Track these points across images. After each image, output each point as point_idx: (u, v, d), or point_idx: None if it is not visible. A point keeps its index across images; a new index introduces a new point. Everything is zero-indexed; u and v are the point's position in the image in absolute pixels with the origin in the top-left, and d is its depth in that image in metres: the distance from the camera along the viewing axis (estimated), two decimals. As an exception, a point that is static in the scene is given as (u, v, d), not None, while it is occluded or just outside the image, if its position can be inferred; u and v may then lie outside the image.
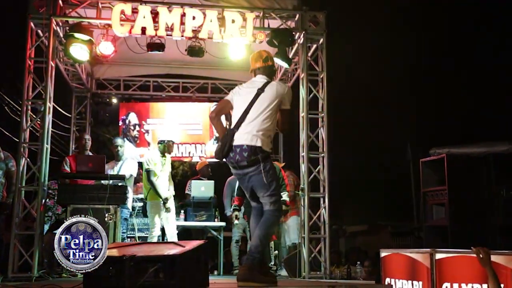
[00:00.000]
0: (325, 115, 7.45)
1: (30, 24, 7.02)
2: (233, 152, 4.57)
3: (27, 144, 6.93)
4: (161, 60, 9.58)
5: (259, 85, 4.70)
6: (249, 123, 4.58)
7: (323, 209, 7.19)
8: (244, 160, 4.52)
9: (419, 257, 4.10)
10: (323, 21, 7.56)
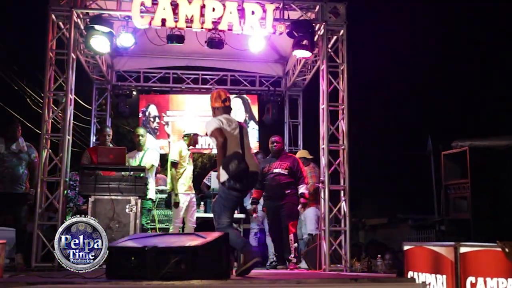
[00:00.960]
0: (345, 107, 7.39)
1: (51, 16, 7.06)
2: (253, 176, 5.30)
3: (49, 136, 6.99)
4: (181, 52, 9.60)
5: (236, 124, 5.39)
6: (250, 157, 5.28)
7: (343, 201, 7.15)
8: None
9: (443, 251, 4.05)
10: (344, 12, 7.48)
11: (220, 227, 5.00)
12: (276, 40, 9.07)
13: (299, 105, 10.55)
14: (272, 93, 10.20)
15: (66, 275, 4.06)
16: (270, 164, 7.42)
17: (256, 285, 3.77)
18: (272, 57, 10.08)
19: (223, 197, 5.14)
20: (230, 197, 5.13)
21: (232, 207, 5.25)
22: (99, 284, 3.60)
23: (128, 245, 4.11)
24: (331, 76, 7.46)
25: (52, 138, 7.06)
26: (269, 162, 7.45)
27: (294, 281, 3.78)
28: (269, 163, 7.43)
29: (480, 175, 7.57)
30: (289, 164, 7.34)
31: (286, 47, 9.27)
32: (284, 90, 10.46)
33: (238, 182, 5.06)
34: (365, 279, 3.90)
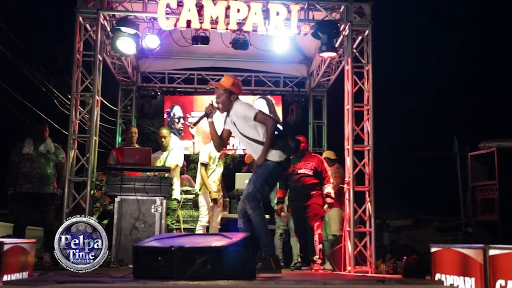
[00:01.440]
0: (370, 107, 7.34)
1: (79, 19, 7.15)
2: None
3: (76, 137, 7.08)
4: (205, 53, 9.64)
5: None
6: None
7: (368, 202, 7.11)
8: None
9: (471, 253, 3.98)
10: (369, 12, 7.43)
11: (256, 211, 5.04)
12: (300, 41, 9.06)
13: (323, 105, 10.52)
14: (296, 93, 10.18)
15: (94, 274, 4.11)
16: (295, 165, 7.38)
17: (282, 285, 3.77)
18: (296, 57, 10.07)
19: (272, 175, 5.21)
20: (279, 174, 5.32)
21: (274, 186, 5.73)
22: (127, 283, 3.63)
23: (154, 245, 4.14)
24: (356, 77, 7.41)
25: (79, 139, 7.14)
26: (294, 162, 7.40)
27: (320, 282, 3.77)
28: (293, 164, 7.38)
29: (508, 176, 7.45)
30: (314, 165, 7.31)
31: (310, 47, 9.26)
32: (308, 91, 10.44)
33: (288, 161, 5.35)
34: (392, 281, 3.87)
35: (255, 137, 5.24)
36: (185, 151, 10.28)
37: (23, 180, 6.90)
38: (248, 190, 5.11)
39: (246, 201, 5.04)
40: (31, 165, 6.94)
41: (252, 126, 5.24)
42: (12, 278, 3.92)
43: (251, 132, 5.24)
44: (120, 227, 6.47)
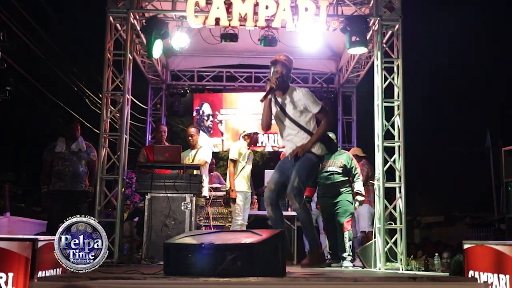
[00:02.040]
0: (401, 103, 7.25)
1: (109, 18, 7.23)
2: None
3: (107, 135, 7.17)
4: (234, 51, 9.67)
5: None
6: None
7: (399, 199, 7.03)
8: None
9: (506, 250, 3.91)
10: (399, 6, 7.33)
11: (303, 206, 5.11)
12: (329, 36, 8.99)
13: (352, 101, 10.45)
14: (326, 89, 10.15)
15: (124, 271, 4.16)
16: (324, 162, 7.34)
17: (312, 283, 3.75)
18: (325, 53, 10.02)
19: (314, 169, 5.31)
20: (317, 169, 5.53)
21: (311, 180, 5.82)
22: (158, 280, 3.66)
23: (185, 242, 4.16)
24: (386, 72, 7.33)
25: (110, 137, 7.23)
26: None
27: (351, 279, 3.74)
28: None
29: (543, 171, 7.30)
30: (343, 162, 7.25)
31: (339, 43, 9.20)
32: (337, 87, 10.38)
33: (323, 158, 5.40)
34: (424, 278, 3.81)
35: (306, 126, 5.15)
36: (214, 149, 10.32)
37: (56, 178, 7.04)
38: (294, 184, 5.01)
39: (292, 195, 4.99)
40: (64, 163, 7.06)
41: (308, 116, 5.16)
42: (47, 274, 4.00)
43: (303, 120, 5.15)
44: (151, 224, 6.52)
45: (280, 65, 5.22)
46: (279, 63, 5.21)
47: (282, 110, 5.21)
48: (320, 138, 5.11)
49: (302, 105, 5.14)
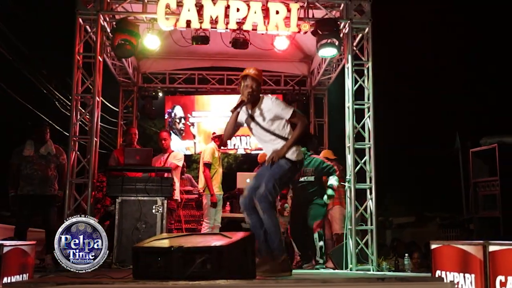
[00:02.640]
0: (371, 105, 7.33)
1: (79, 20, 7.16)
2: None
3: (77, 138, 7.09)
4: (206, 53, 9.65)
5: None
6: None
7: (370, 200, 7.10)
8: None
9: (471, 249, 3.98)
10: (369, 10, 7.42)
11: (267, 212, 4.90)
12: (301, 39, 9.05)
13: (324, 104, 10.52)
14: (297, 92, 10.19)
15: (94, 276, 4.11)
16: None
17: (282, 284, 3.76)
18: (297, 56, 10.07)
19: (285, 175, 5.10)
20: (292, 176, 5.27)
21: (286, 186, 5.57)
22: (126, 284, 3.63)
23: (154, 245, 4.14)
24: (356, 74, 7.40)
25: (80, 141, 7.14)
26: None
27: (320, 280, 3.76)
28: None
29: (509, 172, 7.45)
30: (313, 169, 7.26)
31: (311, 46, 9.25)
32: (309, 89, 10.44)
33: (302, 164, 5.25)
34: (392, 279, 3.86)
35: (281, 133, 5.12)
36: (186, 151, 10.29)
37: (25, 182, 6.92)
38: (260, 191, 4.93)
39: (257, 202, 4.92)
40: (32, 167, 6.95)
41: (281, 122, 5.14)
42: (12, 280, 3.94)
43: (277, 127, 5.11)
44: (122, 228, 6.46)
45: (250, 79, 5.20)
46: (249, 77, 5.20)
47: (255, 121, 5.21)
48: (295, 142, 5.08)
49: (272, 113, 5.16)
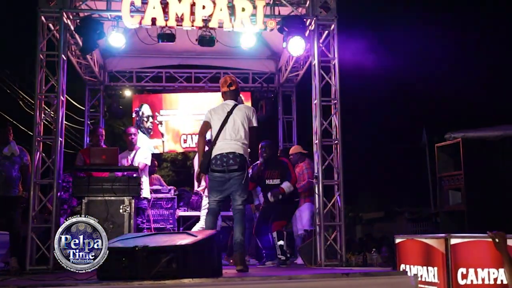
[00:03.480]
0: (338, 101, 7.38)
1: (41, 18, 7.03)
2: (223, 158, 5.49)
3: (41, 138, 6.96)
4: (173, 51, 9.57)
5: (228, 108, 5.73)
6: (229, 138, 5.56)
7: (338, 196, 7.15)
8: (235, 164, 5.46)
9: (434, 243, 4.05)
10: (334, 7, 7.46)
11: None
12: (268, 37, 9.05)
13: (292, 101, 10.54)
14: (266, 89, 10.20)
15: (58, 278, 4.05)
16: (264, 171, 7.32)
17: (247, 282, 3.77)
18: (264, 53, 10.07)
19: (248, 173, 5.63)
20: (211, 177, 5.57)
21: (213, 187, 5.57)
22: (90, 285, 3.59)
23: (118, 245, 4.10)
24: (323, 71, 7.44)
25: (45, 140, 7.02)
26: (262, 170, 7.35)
27: (285, 277, 3.78)
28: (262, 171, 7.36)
29: (473, 166, 7.59)
30: (279, 172, 7.26)
31: (278, 43, 9.24)
32: (277, 86, 10.45)
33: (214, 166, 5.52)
34: (357, 274, 3.90)
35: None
36: (154, 150, 10.21)
37: None
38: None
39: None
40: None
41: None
42: (-27, 283, 3.86)
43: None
44: (88, 229, 6.37)
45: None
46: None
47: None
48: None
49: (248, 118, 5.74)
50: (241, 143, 5.57)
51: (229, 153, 5.49)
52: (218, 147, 5.54)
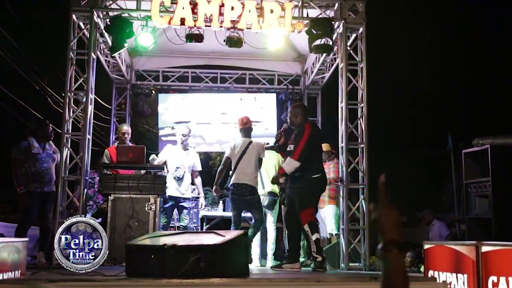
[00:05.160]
0: (364, 105, 7.35)
1: (72, 17, 7.13)
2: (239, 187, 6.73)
3: (70, 135, 7.05)
4: (200, 51, 9.62)
5: (244, 145, 6.83)
6: (243, 170, 6.72)
7: (363, 200, 7.12)
8: (247, 193, 6.72)
9: (464, 250, 4.00)
10: (363, 10, 7.44)
11: None
12: (294, 38, 9.04)
13: (317, 103, 10.52)
14: (291, 91, 10.19)
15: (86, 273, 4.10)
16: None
17: (275, 283, 3.77)
18: (290, 55, 10.06)
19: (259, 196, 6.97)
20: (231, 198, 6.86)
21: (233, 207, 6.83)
22: (119, 282, 3.62)
23: (147, 243, 4.13)
24: (350, 74, 7.43)
25: (73, 137, 7.11)
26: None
27: (313, 279, 3.77)
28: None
29: (501, 173, 7.45)
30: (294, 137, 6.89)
31: (305, 45, 9.20)
32: (303, 89, 10.44)
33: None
34: (385, 278, 3.87)
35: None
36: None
37: (32, 179, 6.73)
38: None
39: None
40: (42, 165, 6.77)
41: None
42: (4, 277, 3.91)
43: None
44: (114, 226, 6.44)
45: None
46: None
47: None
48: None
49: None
50: (253, 176, 6.77)
51: (242, 184, 6.69)
52: (236, 178, 6.74)
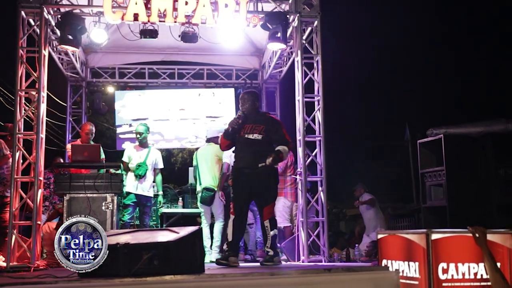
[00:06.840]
0: (321, 98, 7.40)
1: (21, 13, 6.93)
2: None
3: (22, 134, 6.88)
4: (156, 47, 9.52)
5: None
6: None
7: (321, 192, 7.17)
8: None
9: (415, 238, 4.08)
10: (317, 3, 7.45)
11: None
12: (251, 33, 9.04)
13: (276, 97, 10.54)
14: (249, 85, 10.19)
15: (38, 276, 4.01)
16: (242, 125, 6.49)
17: (229, 278, 3.76)
18: (248, 50, 10.05)
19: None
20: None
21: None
22: (71, 283, 3.56)
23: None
24: (306, 68, 7.45)
25: (25, 137, 6.93)
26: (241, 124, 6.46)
27: (268, 273, 3.78)
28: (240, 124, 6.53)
29: (455, 162, 7.64)
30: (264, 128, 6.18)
31: (261, 39, 9.25)
32: (261, 83, 10.45)
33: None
34: (339, 269, 3.92)
35: None
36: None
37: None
38: None
39: None
40: (8, 168, 6.66)
41: None
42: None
43: None
44: (70, 226, 6.31)
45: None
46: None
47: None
48: None
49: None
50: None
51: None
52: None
